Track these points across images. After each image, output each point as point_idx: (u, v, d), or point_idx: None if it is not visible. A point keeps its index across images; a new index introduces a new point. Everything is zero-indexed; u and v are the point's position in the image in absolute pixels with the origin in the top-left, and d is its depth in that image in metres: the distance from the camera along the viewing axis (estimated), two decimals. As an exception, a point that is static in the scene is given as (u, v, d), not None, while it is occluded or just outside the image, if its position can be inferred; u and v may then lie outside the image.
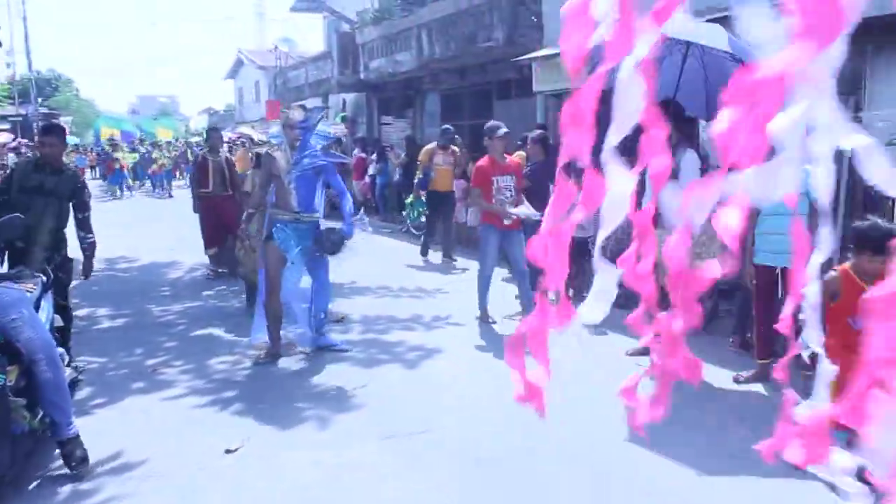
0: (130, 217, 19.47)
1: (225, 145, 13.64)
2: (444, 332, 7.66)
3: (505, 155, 7.92)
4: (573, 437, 5.00)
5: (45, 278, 5.04)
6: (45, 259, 5.94)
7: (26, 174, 6.28)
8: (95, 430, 5.09)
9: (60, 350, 5.11)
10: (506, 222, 7.69)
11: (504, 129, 7.85)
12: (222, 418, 5.39)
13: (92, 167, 35.05)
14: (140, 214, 20.40)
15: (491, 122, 8.13)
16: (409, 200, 13.09)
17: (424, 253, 12.17)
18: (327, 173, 6.73)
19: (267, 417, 5.35)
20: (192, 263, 11.53)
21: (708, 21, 7.45)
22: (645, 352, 6.74)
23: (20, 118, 38.82)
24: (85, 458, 4.52)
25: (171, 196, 26.53)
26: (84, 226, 6.49)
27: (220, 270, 10.57)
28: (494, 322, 7.94)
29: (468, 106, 17.48)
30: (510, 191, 7.76)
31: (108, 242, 13.62)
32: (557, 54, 11.58)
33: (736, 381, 6.00)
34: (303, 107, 6.89)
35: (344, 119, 22.96)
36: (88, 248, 6.53)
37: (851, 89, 8.63)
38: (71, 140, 37.71)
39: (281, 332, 6.80)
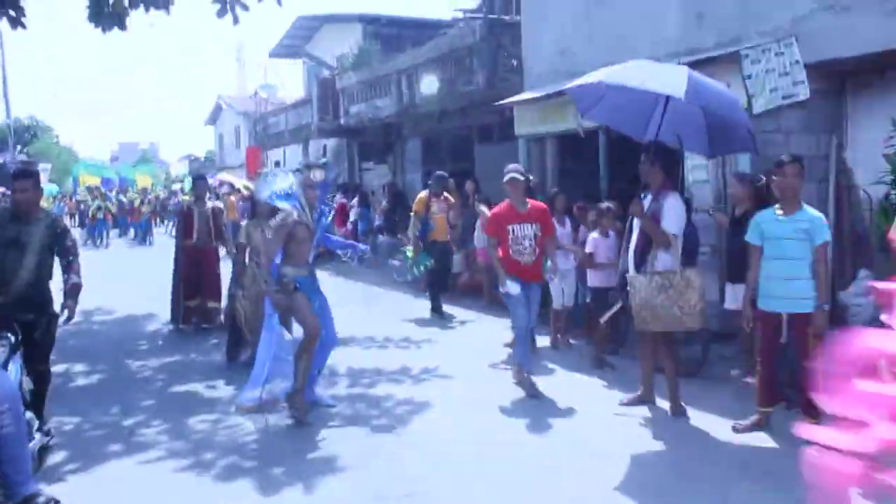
0: (109, 267, 19.15)
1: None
2: (432, 385, 7.43)
3: (528, 201, 7.20)
4: (576, 493, 4.80)
5: (12, 338, 4.82)
6: (27, 323, 5.42)
7: (2, 226, 5.73)
8: (68, 499, 4.85)
9: (29, 414, 4.91)
10: (501, 289, 7.11)
11: (512, 175, 7.14)
12: (202, 483, 5.14)
13: (71, 215, 34.69)
14: (119, 264, 20.10)
15: (508, 166, 7.45)
16: (408, 255, 11.68)
17: (438, 310, 11.16)
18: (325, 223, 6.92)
19: (248, 481, 5.09)
20: (169, 315, 11.22)
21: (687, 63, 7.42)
22: (640, 402, 6.57)
23: (-3, 167, 38.56)
24: (55, 501, 4.41)
25: (150, 244, 26.26)
26: (70, 270, 5.86)
27: (181, 327, 10.35)
28: (534, 389, 6.96)
29: (449, 150, 17.44)
30: (530, 241, 7.03)
31: (84, 295, 13.41)
32: (538, 98, 11.55)
33: (735, 430, 5.81)
34: (323, 166, 6.83)
35: (325, 165, 22.87)
36: (71, 289, 5.80)
37: (833, 128, 8.61)
38: (52, 188, 37.45)
39: (266, 387, 6.37)
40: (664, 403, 6.40)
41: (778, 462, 5.23)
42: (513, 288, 7.01)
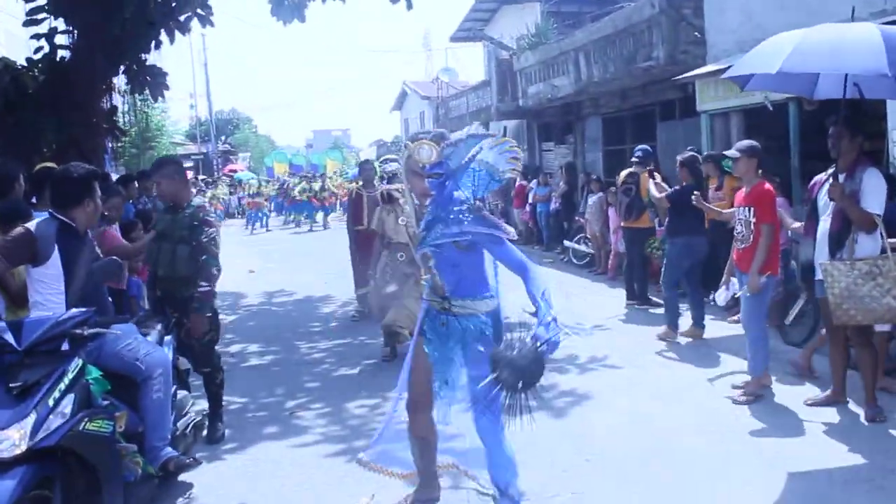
0: (298, 249, 19.99)
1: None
2: (598, 376, 7.05)
3: (760, 180, 6.40)
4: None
5: (160, 326, 4.94)
6: (171, 322, 5.38)
7: (159, 217, 5.87)
8: (223, 478, 5.00)
9: (183, 392, 5.06)
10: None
11: (735, 152, 6.51)
12: (351, 470, 5.03)
13: (267, 199, 36.41)
14: (304, 247, 20.85)
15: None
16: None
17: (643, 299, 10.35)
18: (485, 245, 3.96)
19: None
20: (346, 299, 11.38)
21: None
22: (829, 403, 5.90)
23: (201, 156, 41.69)
24: (194, 459, 4.68)
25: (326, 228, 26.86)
26: (201, 272, 5.37)
27: (366, 311, 10.07)
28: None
29: (630, 129, 16.75)
30: (742, 226, 6.38)
31: (267, 276, 13.99)
32: (721, 70, 10.78)
33: None
34: (439, 136, 3.97)
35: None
36: (198, 300, 5.35)
37: None
38: (247, 175, 39.69)
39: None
40: (857, 406, 5.73)
41: None
42: (719, 294, 6.70)
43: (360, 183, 10.66)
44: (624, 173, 10.70)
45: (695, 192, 7.54)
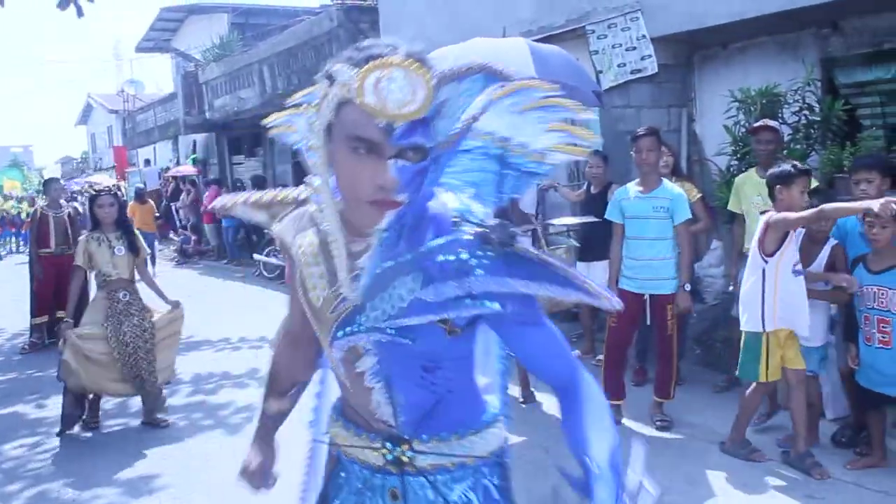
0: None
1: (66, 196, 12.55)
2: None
3: None
4: None
5: None
6: None
7: None
8: None
9: None
10: None
11: None
12: (1, 518, 4.69)
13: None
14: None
15: None
16: None
17: None
18: (501, 325, 1.57)
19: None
20: (16, 330, 10.47)
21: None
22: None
23: None
24: None
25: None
26: None
27: (46, 342, 9.24)
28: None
29: (319, 140, 17.02)
30: None
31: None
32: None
33: None
34: (417, 56, 1.45)
35: (195, 161, 22.09)
36: None
37: (683, 101, 8.64)
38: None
39: None
40: (514, 390, 6.23)
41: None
42: None
43: (46, 202, 9.86)
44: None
45: None
